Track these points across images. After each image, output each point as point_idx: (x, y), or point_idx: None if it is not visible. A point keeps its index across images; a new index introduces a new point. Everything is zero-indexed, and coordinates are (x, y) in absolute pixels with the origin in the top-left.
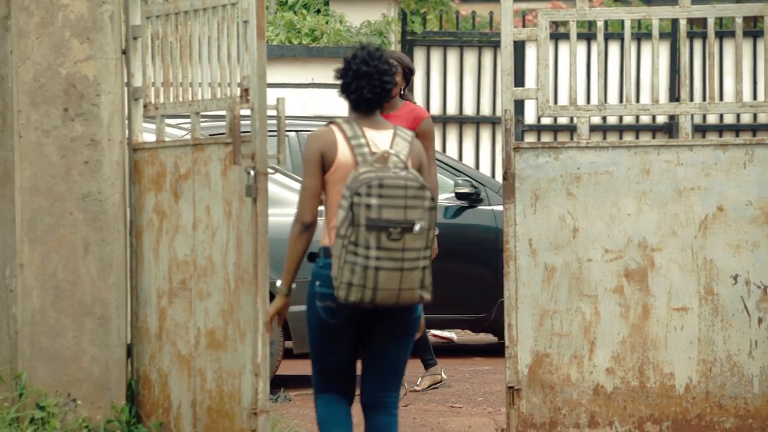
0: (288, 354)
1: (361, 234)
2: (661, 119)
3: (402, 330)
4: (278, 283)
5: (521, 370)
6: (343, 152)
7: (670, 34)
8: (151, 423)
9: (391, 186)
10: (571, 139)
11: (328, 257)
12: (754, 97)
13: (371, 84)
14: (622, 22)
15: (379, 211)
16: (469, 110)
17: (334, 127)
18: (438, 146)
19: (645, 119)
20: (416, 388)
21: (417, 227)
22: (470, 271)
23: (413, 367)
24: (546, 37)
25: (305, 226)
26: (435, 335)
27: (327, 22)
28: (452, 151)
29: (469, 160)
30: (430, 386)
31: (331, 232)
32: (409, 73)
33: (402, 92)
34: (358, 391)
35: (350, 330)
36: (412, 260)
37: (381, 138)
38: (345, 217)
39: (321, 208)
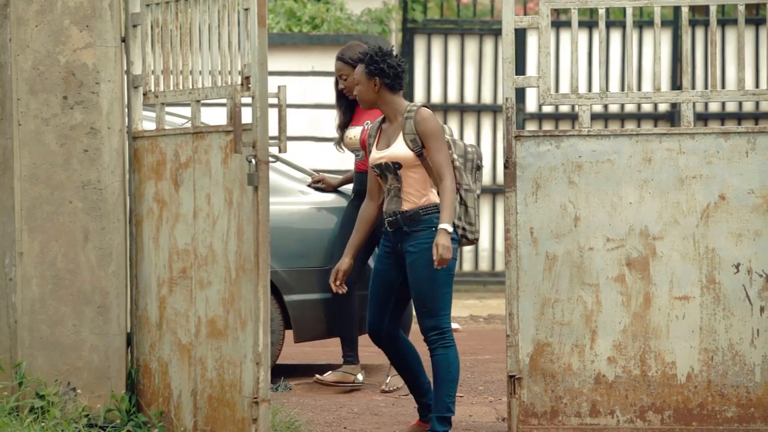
0: (289, 343)
1: (474, 185)
2: (662, 107)
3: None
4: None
5: (522, 359)
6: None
7: (672, 21)
8: (151, 412)
9: (467, 145)
10: (573, 127)
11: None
12: (757, 85)
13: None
14: (624, 9)
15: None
16: (470, 98)
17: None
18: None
19: (647, 107)
20: (318, 377)
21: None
22: None
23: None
24: (547, 24)
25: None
26: None
27: (327, 10)
28: None
29: None
30: (336, 382)
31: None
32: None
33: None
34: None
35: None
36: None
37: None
38: (473, 175)
39: None
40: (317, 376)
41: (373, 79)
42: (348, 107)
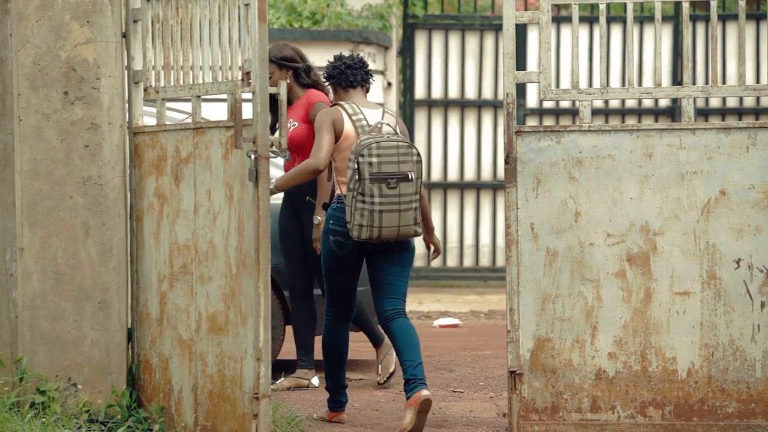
0: (289, 338)
1: (366, 186)
2: (663, 103)
3: (401, 261)
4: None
5: (523, 354)
6: (348, 125)
7: (673, 17)
8: (152, 407)
9: (386, 146)
10: (573, 122)
11: (341, 203)
12: (757, 80)
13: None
14: (625, 5)
15: (379, 167)
16: (470, 94)
17: (339, 107)
18: (440, 130)
19: (647, 103)
20: (273, 384)
21: (410, 176)
22: None
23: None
24: (548, 20)
25: (316, 171)
26: (442, 325)
27: (328, 6)
28: (454, 134)
29: (470, 143)
30: (289, 388)
31: (342, 186)
32: (295, 63)
33: (303, 81)
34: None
35: (353, 261)
36: (406, 203)
37: (374, 114)
38: (353, 174)
39: None
40: (275, 382)
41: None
42: (273, 108)
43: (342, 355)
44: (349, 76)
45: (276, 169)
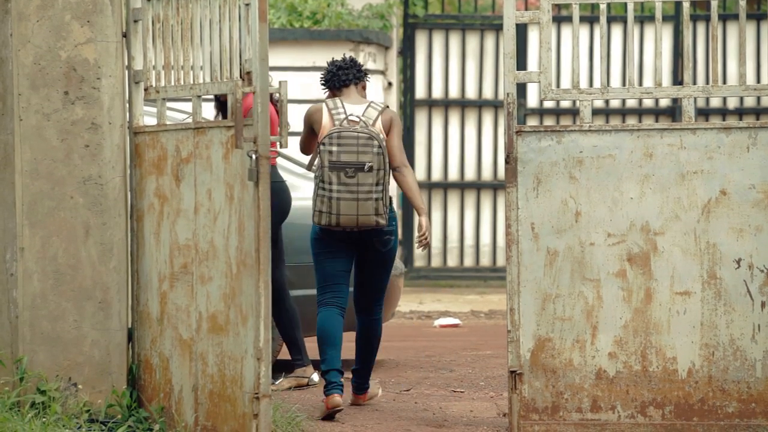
0: None
1: (325, 173)
2: (664, 103)
3: (379, 259)
4: None
5: (523, 354)
6: (326, 119)
7: (673, 16)
8: (152, 407)
9: (346, 137)
10: (574, 122)
11: None
12: (758, 80)
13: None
14: (625, 4)
15: (338, 156)
16: (471, 94)
17: (322, 104)
18: (440, 130)
19: (648, 103)
20: (274, 385)
21: (366, 166)
22: None
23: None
24: (548, 20)
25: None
26: (442, 325)
27: (328, 5)
28: (454, 134)
29: (471, 143)
30: (290, 388)
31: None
32: None
33: None
34: None
35: (342, 247)
36: (365, 192)
37: (357, 109)
38: (318, 161)
39: None
40: (275, 382)
41: None
42: (222, 109)
43: (332, 340)
44: (341, 77)
45: (277, 169)
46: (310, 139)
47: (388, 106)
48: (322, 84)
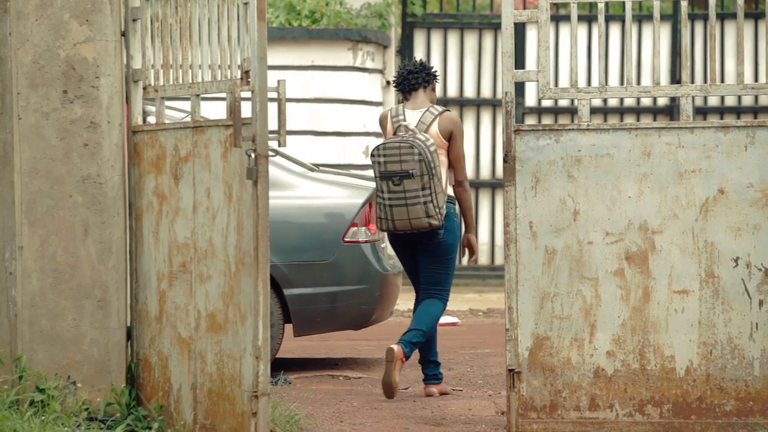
0: (288, 337)
1: (378, 183)
2: (662, 101)
3: (431, 252)
4: None
5: (521, 353)
6: (388, 126)
7: (672, 15)
8: (151, 406)
9: (390, 147)
10: (572, 121)
11: None
12: (756, 79)
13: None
14: (623, 3)
15: (385, 166)
16: (469, 92)
17: (388, 110)
18: None
19: (646, 101)
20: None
21: (410, 173)
22: None
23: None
24: (547, 18)
25: None
26: (440, 324)
27: (327, 4)
28: None
29: (469, 142)
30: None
31: None
32: None
33: None
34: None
35: (403, 250)
36: (412, 198)
37: (415, 115)
38: (374, 172)
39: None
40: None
41: None
42: None
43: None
44: (411, 81)
45: (275, 168)
46: None
47: (447, 110)
48: (394, 87)
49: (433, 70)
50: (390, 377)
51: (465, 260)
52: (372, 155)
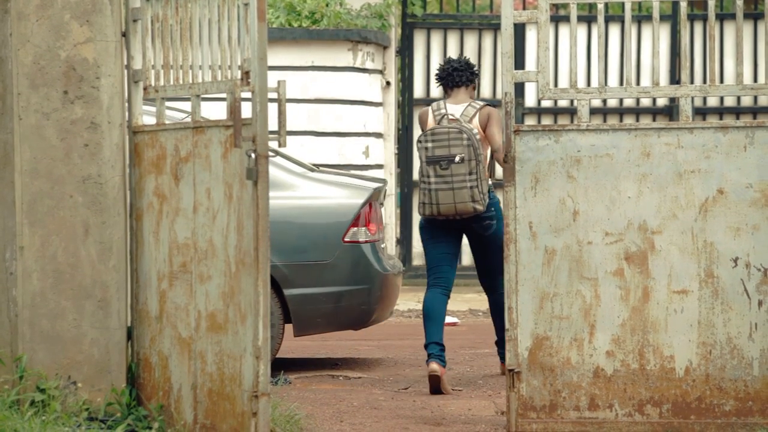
0: (288, 337)
1: (424, 168)
2: (661, 102)
3: (486, 242)
4: None
5: (521, 353)
6: (430, 119)
7: (671, 16)
8: (151, 406)
9: (438, 133)
10: (572, 121)
11: None
12: (755, 79)
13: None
14: (623, 4)
15: (433, 151)
16: None
17: (429, 106)
18: None
19: (645, 102)
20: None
21: (458, 158)
22: None
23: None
24: (546, 19)
25: None
26: None
27: (327, 5)
28: None
29: None
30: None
31: None
32: None
33: None
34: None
35: (442, 235)
36: (459, 182)
37: (457, 108)
38: (420, 158)
39: None
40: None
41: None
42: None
43: (433, 316)
44: (455, 78)
45: (276, 168)
46: None
47: (486, 104)
48: (437, 80)
49: (475, 69)
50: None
51: (466, 260)
52: (419, 141)
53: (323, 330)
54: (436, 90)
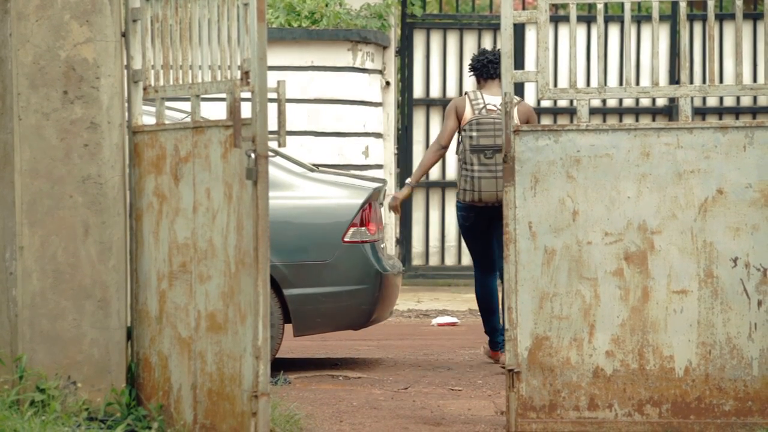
0: (288, 337)
1: (467, 156)
2: (661, 102)
3: None
4: (408, 180)
5: (521, 353)
6: (468, 109)
7: (670, 16)
8: (151, 405)
9: (484, 123)
10: (571, 121)
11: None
12: (754, 79)
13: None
14: (622, 4)
15: (478, 140)
16: None
17: (465, 96)
18: (438, 129)
19: (645, 102)
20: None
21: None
22: None
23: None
24: (546, 19)
25: (441, 147)
26: (440, 324)
27: (327, 5)
28: None
29: None
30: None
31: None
32: None
33: None
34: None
35: (481, 222)
36: (502, 171)
37: (495, 99)
38: (461, 146)
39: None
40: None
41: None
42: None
43: (489, 302)
44: (491, 70)
45: (275, 168)
46: (453, 128)
47: (522, 100)
48: (470, 71)
49: None
50: None
51: (465, 260)
52: (463, 129)
53: (323, 330)
54: (435, 90)
